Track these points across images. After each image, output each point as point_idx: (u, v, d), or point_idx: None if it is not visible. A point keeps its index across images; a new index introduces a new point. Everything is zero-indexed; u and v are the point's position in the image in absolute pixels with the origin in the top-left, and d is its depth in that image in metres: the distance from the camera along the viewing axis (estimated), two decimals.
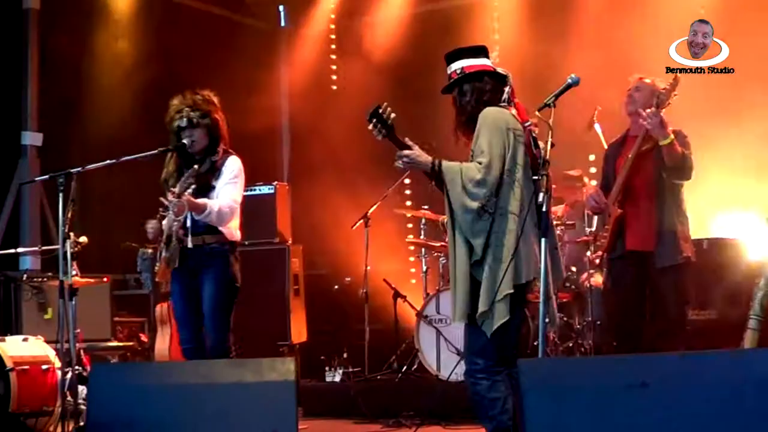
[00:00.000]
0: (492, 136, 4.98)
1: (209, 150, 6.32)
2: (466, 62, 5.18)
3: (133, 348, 9.42)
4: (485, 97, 5.12)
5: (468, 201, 4.92)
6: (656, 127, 6.15)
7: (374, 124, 5.06)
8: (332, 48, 12.44)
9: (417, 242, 9.44)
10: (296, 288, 9.44)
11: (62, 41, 10.52)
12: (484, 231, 4.92)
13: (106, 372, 4.92)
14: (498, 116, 5.04)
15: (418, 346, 8.70)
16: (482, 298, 4.88)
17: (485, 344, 4.96)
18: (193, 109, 6.27)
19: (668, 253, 6.33)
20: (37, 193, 10.19)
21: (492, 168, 4.93)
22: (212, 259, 6.24)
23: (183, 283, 6.30)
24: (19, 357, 7.20)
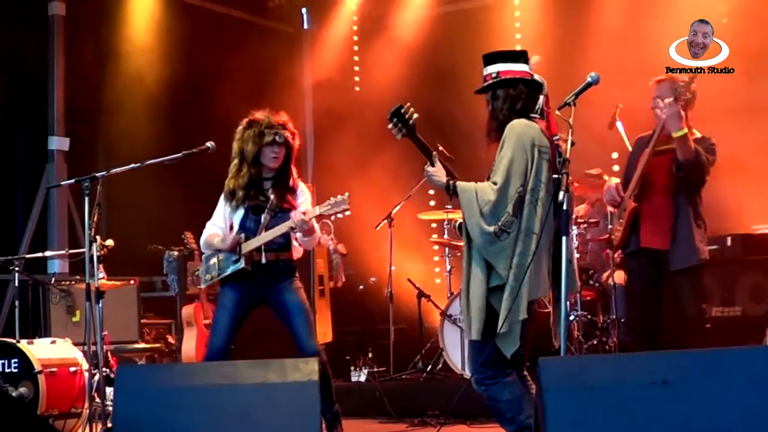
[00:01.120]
0: (515, 152, 4.93)
1: (281, 171, 6.39)
2: (503, 67, 5.12)
3: (160, 350, 9.45)
4: (517, 106, 5.08)
5: (484, 224, 4.88)
6: (671, 118, 6.08)
7: (394, 123, 5.06)
8: (355, 50, 12.44)
9: (441, 242, 9.44)
10: (321, 288, 9.45)
11: (87, 47, 10.58)
12: (503, 251, 4.89)
13: (132, 373, 4.93)
14: (524, 131, 4.99)
15: (442, 345, 8.71)
16: (503, 318, 4.85)
17: (491, 357, 4.95)
18: (284, 129, 6.37)
19: (684, 256, 6.26)
20: (64, 197, 10.25)
21: (508, 188, 4.88)
22: (287, 273, 6.38)
23: (244, 295, 6.35)
24: (47, 359, 7.25)
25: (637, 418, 3.98)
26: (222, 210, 6.49)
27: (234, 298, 6.34)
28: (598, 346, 8.35)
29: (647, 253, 6.43)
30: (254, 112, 6.42)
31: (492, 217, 4.88)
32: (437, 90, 10.86)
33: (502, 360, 4.96)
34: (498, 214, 4.88)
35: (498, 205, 4.88)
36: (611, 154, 9.63)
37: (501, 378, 5.00)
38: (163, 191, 10.34)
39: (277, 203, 6.34)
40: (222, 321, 6.34)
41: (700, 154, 6.18)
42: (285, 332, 6.51)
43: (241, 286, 6.35)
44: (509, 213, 4.88)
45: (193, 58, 11.21)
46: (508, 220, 4.87)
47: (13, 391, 7.05)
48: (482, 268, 4.94)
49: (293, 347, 6.29)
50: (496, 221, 4.87)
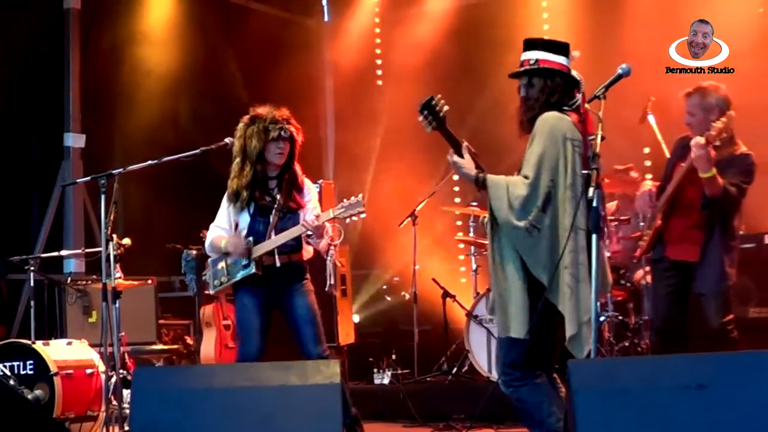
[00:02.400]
0: (546, 146, 4.91)
1: (284, 168, 6.38)
2: (543, 55, 5.09)
3: (178, 351, 9.47)
4: (552, 99, 5.06)
5: (513, 220, 4.87)
6: (698, 160, 6.01)
7: (425, 115, 5.03)
8: (377, 42, 12.42)
9: (466, 240, 9.41)
10: (343, 288, 9.44)
11: (103, 41, 10.61)
12: (535, 248, 4.88)
13: (149, 375, 4.94)
14: (556, 124, 4.97)
15: (468, 347, 8.69)
16: (569, 321, 4.83)
17: (519, 357, 4.95)
18: (289, 124, 6.35)
19: (711, 280, 6.19)
20: (80, 195, 10.29)
21: (539, 183, 4.87)
22: (298, 275, 6.37)
23: (261, 300, 6.33)
24: (63, 361, 7.28)
25: (670, 423, 3.95)
26: (225, 211, 6.44)
27: (256, 303, 6.32)
28: (630, 348, 8.32)
29: (674, 265, 6.40)
30: (256, 107, 6.40)
31: (522, 213, 4.86)
32: (462, 83, 10.84)
33: (531, 361, 4.94)
34: (528, 210, 4.86)
35: (528, 200, 4.86)
36: (643, 149, 9.58)
37: (530, 380, 4.99)
38: (181, 189, 10.38)
39: (285, 203, 6.32)
40: (252, 325, 6.30)
41: (728, 191, 6.09)
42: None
43: (258, 290, 6.33)
44: (539, 208, 4.86)
45: (211, 52, 11.23)
46: (538, 215, 4.86)
47: (28, 394, 7.09)
48: (517, 264, 4.92)
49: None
50: (526, 217, 4.86)
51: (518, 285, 4.91)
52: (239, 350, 6.40)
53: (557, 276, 4.85)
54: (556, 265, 4.83)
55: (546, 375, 5.04)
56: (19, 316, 9.62)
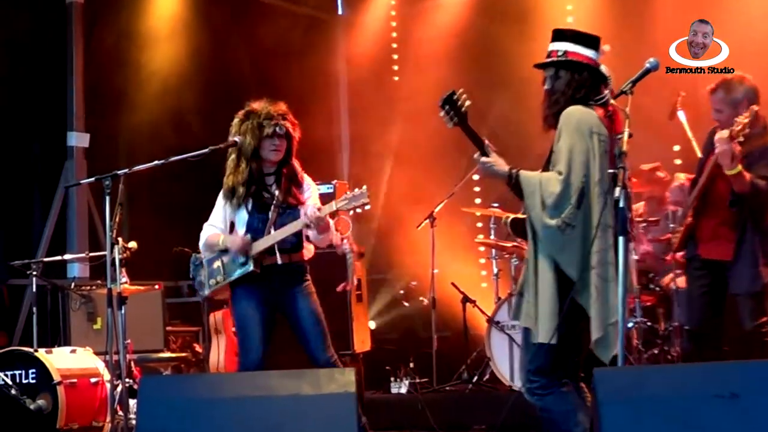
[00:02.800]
0: (574, 140, 4.91)
1: (282, 164, 6.39)
2: (572, 47, 5.10)
3: (186, 359, 9.49)
4: (579, 94, 5.06)
5: (546, 218, 4.87)
6: (722, 155, 6.00)
7: (446, 111, 5.04)
8: (393, 36, 12.41)
9: (487, 243, 9.40)
10: (358, 294, 9.43)
11: (108, 36, 10.63)
12: (568, 247, 4.87)
13: (156, 384, 4.95)
14: (582, 117, 4.98)
15: (489, 354, 8.68)
16: (595, 323, 4.83)
17: (545, 364, 4.94)
18: (285, 120, 6.36)
19: (746, 281, 6.19)
20: (84, 196, 10.31)
21: (572, 179, 4.88)
22: (299, 276, 6.36)
23: (262, 302, 6.33)
24: (66, 370, 7.31)
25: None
26: (221, 210, 6.46)
27: (256, 305, 6.31)
28: (659, 355, 8.29)
29: (707, 264, 6.38)
30: (251, 102, 6.42)
31: (555, 210, 4.86)
32: (481, 77, 10.82)
33: (558, 368, 4.94)
34: (561, 207, 4.86)
35: (562, 197, 4.87)
36: (672, 147, 9.55)
37: (556, 388, 4.98)
38: (189, 190, 10.39)
39: (284, 199, 6.32)
40: (253, 332, 6.28)
41: (757, 186, 6.07)
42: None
43: (257, 290, 6.32)
44: (573, 205, 4.86)
45: (221, 47, 11.24)
46: (572, 212, 4.86)
47: (30, 404, 7.12)
48: (550, 265, 4.92)
49: None
50: (559, 214, 4.86)
51: (550, 287, 4.91)
52: (240, 358, 6.39)
53: (586, 277, 4.85)
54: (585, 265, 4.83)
55: (572, 383, 5.03)
56: (21, 323, 9.65)
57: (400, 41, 12.38)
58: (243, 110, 6.40)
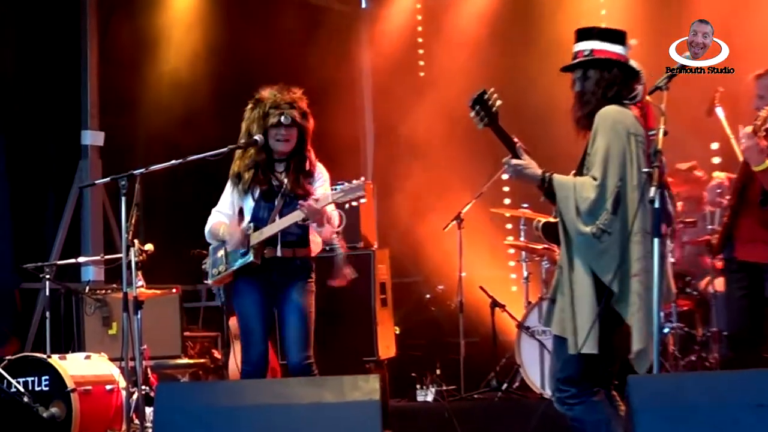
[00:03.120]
0: (610, 142, 4.91)
1: (294, 153, 6.38)
2: (598, 45, 5.10)
3: (205, 365, 9.50)
4: (610, 93, 5.06)
5: (580, 224, 4.87)
6: (748, 151, 5.97)
7: (477, 111, 5.03)
8: (419, 30, 12.40)
9: (517, 245, 9.39)
10: (383, 297, 9.42)
11: (123, 32, 10.66)
12: (604, 255, 4.87)
13: (173, 392, 4.97)
14: (618, 118, 4.97)
15: (519, 361, 8.67)
16: (636, 334, 4.83)
17: (576, 373, 4.93)
18: (292, 107, 6.35)
19: None
20: (98, 197, 10.34)
21: (608, 183, 4.87)
22: (303, 272, 6.36)
23: (261, 295, 6.35)
24: (81, 377, 7.34)
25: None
26: (229, 196, 6.53)
27: (256, 299, 6.35)
28: (697, 362, 8.26)
29: (744, 266, 6.35)
30: (262, 89, 6.44)
31: (589, 217, 4.86)
32: (513, 72, 10.80)
33: (589, 377, 4.93)
34: (596, 213, 4.86)
35: (597, 202, 4.86)
36: (710, 145, 9.51)
37: (587, 397, 4.98)
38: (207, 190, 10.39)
39: (291, 188, 6.33)
40: (255, 328, 6.36)
41: None
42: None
43: (257, 283, 6.35)
44: (608, 211, 4.86)
45: (240, 41, 11.23)
46: (608, 218, 4.85)
47: (43, 412, 7.14)
48: (588, 272, 4.92)
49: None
50: (594, 221, 4.85)
51: (588, 296, 4.90)
52: (242, 354, 6.44)
53: (626, 285, 4.84)
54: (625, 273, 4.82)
55: (604, 391, 5.03)
56: (33, 328, 9.68)
57: (425, 34, 12.34)
58: (253, 98, 6.44)
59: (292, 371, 6.28)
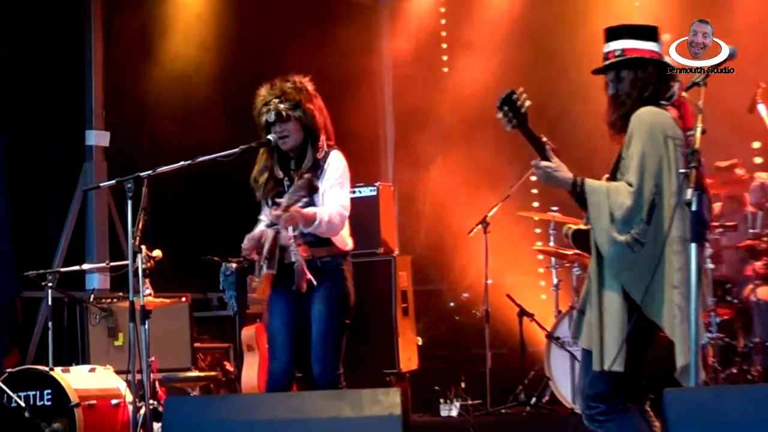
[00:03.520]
0: (646, 147, 4.90)
1: (305, 146, 6.38)
2: (629, 44, 5.10)
3: (216, 378, 9.49)
4: (646, 93, 5.06)
5: (615, 233, 4.86)
6: None
7: (505, 112, 5.02)
8: (442, 23, 12.38)
9: (546, 250, 9.38)
10: (404, 306, 9.43)
11: (130, 24, 10.68)
12: (636, 266, 4.86)
13: (182, 406, 4.97)
14: (655, 120, 4.97)
15: (549, 373, 8.67)
16: (681, 348, 4.82)
17: (606, 388, 4.93)
18: (282, 100, 6.33)
19: None
20: (104, 200, 10.36)
21: (644, 190, 4.87)
22: (324, 275, 6.31)
23: (288, 305, 6.36)
24: (85, 390, 7.36)
25: None
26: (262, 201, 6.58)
27: (281, 309, 6.38)
28: (738, 375, 8.24)
29: None
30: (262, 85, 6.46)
31: (624, 225, 4.85)
32: (541, 69, 10.79)
33: (620, 392, 4.92)
34: (631, 221, 4.85)
35: (633, 210, 4.85)
36: (751, 144, 9.48)
37: (618, 413, 4.98)
38: (219, 193, 10.43)
39: (287, 204, 6.23)
40: (278, 339, 6.39)
41: None
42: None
43: (282, 293, 6.36)
44: (643, 219, 4.85)
45: (253, 36, 11.25)
46: (642, 228, 4.85)
47: (46, 428, 7.17)
48: (619, 284, 4.92)
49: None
50: (629, 229, 4.85)
51: (617, 310, 4.90)
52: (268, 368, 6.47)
53: (663, 297, 4.83)
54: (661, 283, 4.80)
55: (637, 406, 5.02)
56: (35, 339, 9.71)
57: (449, 29, 12.33)
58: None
59: (315, 385, 6.30)
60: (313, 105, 6.39)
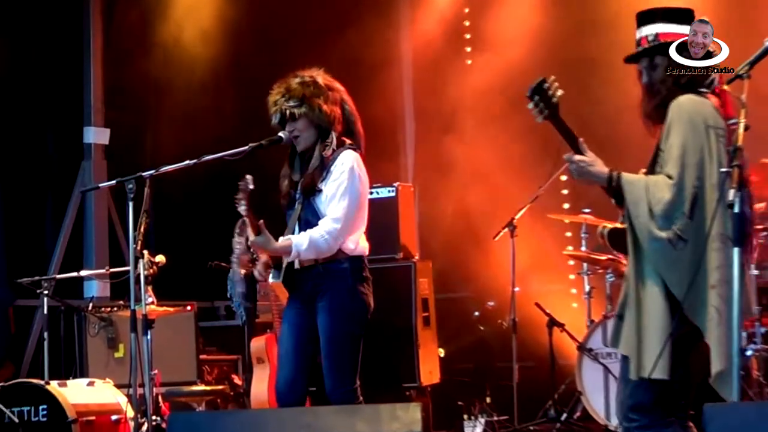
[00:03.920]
0: (687, 137, 4.89)
1: (317, 144, 6.38)
2: (663, 28, 5.10)
3: (223, 393, 9.53)
4: (683, 79, 5.05)
5: (655, 229, 4.85)
6: None
7: (536, 102, 5.02)
8: (465, 12, 12.37)
9: (578, 255, 9.37)
10: (426, 316, 9.44)
11: (131, 14, 10.71)
12: (678, 264, 4.85)
13: (188, 422, 4.98)
14: (695, 109, 4.96)
15: (580, 387, 8.67)
16: (716, 353, 4.80)
17: (647, 400, 4.92)
18: (287, 98, 6.32)
19: None
20: (103, 202, 10.39)
21: (685, 183, 4.86)
22: (327, 280, 6.26)
23: (298, 315, 6.36)
24: (83, 405, 7.38)
25: None
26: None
27: (289, 316, 6.38)
28: None
29: None
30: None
31: (665, 220, 4.84)
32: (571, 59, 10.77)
33: (662, 404, 4.91)
34: (673, 217, 4.84)
35: (674, 204, 4.84)
36: None
37: (659, 428, 4.96)
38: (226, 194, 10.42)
39: (302, 188, 6.29)
40: (281, 348, 6.42)
41: None
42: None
43: (296, 302, 6.36)
44: (685, 214, 4.84)
45: (265, 26, 11.25)
46: (685, 223, 4.84)
47: None
48: (659, 284, 4.91)
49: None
50: (670, 225, 4.84)
51: (659, 312, 4.89)
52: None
53: (702, 297, 4.82)
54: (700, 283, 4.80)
55: (678, 421, 5.01)
56: (29, 351, 9.75)
57: (473, 17, 12.32)
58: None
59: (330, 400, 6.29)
60: (322, 100, 6.35)
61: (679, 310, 4.85)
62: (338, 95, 6.43)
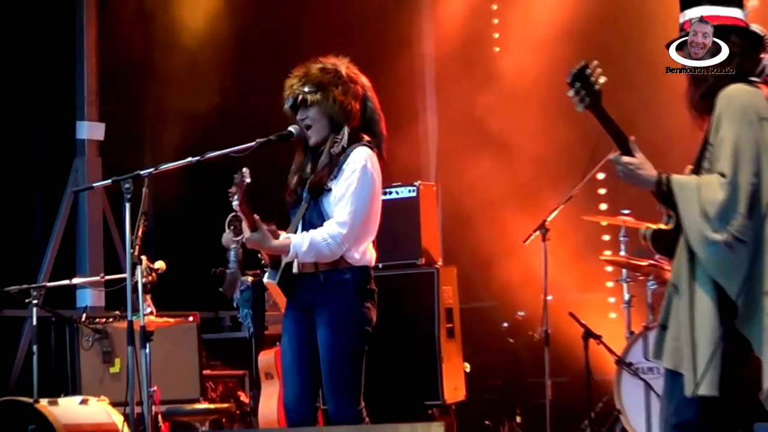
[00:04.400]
0: (739, 130, 4.87)
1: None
2: (709, 10, 5.08)
3: (229, 411, 9.53)
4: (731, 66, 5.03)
5: (709, 232, 4.83)
6: None
7: (577, 89, 5.00)
8: (493, 9, 12.34)
9: (616, 260, 9.36)
10: (449, 327, 9.44)
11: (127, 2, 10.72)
12: (736, 268, 4.83)
13: None
14: (747, 100, 4.94)
15: (619, 405, 8.67)
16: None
17: (694, 417, 4.90)
18: (303, 83, 6.30)
19: None
20: (97, 203, 10.41)
21: (740, 180, 4.83)
22: (327, 292, 6.24)
23: (297, 324, 6.35)
24: (75, 426, 7.39)
25: None
26: None
27: (290, 330, 6.36)
28: None
29: None
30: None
31: (721, 222, 4.82)
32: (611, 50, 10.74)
33: (710, 421, 4.89)
34: (728, 218, 4.81)
35: (728, 204, 4.82)
36: None
37: None
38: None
39: (309, 185, 6.28)
40: (284, 361, 6.40)
41: None
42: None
43: (296, 311, 6.35)
44: (742, 214, 4.81)
45: (273, 14, 11.27)
46: (742, 224, 4.81)
47: None
48: (712, 294, 4.88)
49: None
50: (725, 227, 4.81)
51: (712, 323, 4.86)
52: None
53: (755, 306, 4.80)
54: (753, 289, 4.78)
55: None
56: (17, 366, 9.76)
57: (501, 13, 12.31)
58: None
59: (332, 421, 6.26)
60: (339, 90, 6.31)
61: (728, 320, 4.83)
62: (360, 90, 6.39)
